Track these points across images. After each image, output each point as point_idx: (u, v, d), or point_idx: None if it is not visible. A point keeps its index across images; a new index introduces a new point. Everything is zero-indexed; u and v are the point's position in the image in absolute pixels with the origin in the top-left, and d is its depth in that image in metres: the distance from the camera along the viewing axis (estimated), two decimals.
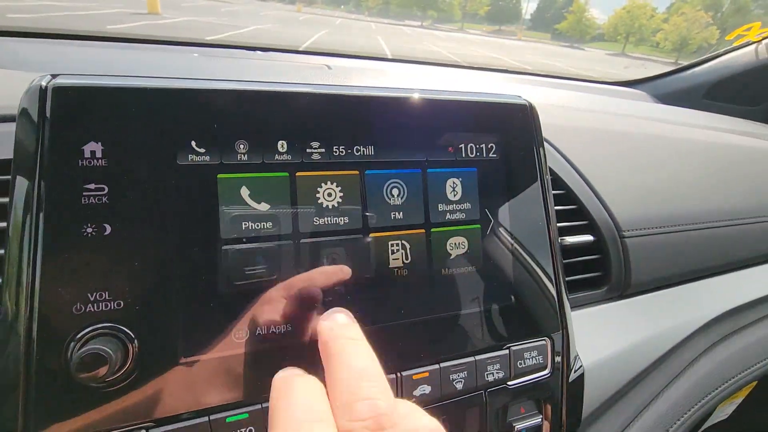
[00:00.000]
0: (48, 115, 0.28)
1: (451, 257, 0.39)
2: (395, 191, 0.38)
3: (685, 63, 1.36)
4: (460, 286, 0.39)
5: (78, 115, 0.29)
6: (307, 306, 0.34)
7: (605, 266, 0.54)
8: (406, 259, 0.38)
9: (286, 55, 1.07)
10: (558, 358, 0.43)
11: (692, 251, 0.61)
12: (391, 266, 0.37)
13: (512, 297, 0.41)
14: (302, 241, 0.34)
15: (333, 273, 0.35)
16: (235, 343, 0.31)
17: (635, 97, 1.28)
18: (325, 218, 0.35)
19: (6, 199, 0.28)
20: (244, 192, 0.33)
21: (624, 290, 0.55)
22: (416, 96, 0.39)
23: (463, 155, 0.40)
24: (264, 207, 0.33)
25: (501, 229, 0.41)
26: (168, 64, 0.70)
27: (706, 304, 0.60)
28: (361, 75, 0.89)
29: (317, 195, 0.35)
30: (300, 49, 1.20)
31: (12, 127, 0.38)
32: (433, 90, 0.40)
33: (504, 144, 0.42)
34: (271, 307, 0.33)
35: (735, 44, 1.25)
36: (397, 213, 0.37)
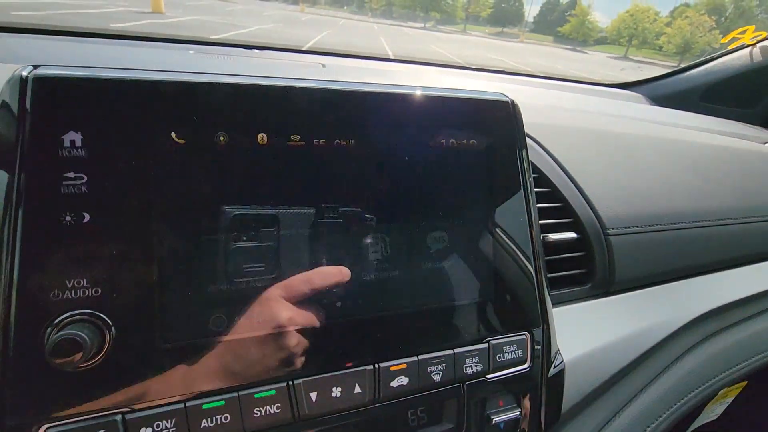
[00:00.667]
0: (28, 104, 0.29)
1: (432, 251, 0.40)
2: (374, 184, 0.38)
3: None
4: (440, 280, 0.40)
5: (58, 104, 0.29)
6: (279, 296, 0.34)
7: (589, 263, 0.55)
8: (386, 252, 0.38)
9: (283, 54, 1.07)
10: (538, 353, 0.43)
11: (677, 250, 0.61)
12: (370, 259, 0.37)
13: (493, 292, 0.42)
14: (282, 231, 0.34)
15: (319, 273, 0.35)
16: (211, 331, 0.32)
17: (631, 99, 1.28)
18: (297, 208, 0.35)
19: None
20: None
21: (608, 287, 0.56)
22: (397, 91, 0.39)
23: (445, 150, 0.41)
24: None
25: (482, 224, 0.42)
26: (163, 61, 0.71)
27: (690, 302, 0.60)
28: (354, 73, 0.89)
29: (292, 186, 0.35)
30: (304, 48, 1.21)
31: None
32: (416, 86, 0.41)
33: (486, 140, 0.42)
34: (248, 298, 0.33)
35: (730, 47, 1.26)
36: (375, 206, 0.38)
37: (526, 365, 0.43)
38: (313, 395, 0.35)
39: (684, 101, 1.23)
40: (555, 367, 0.45)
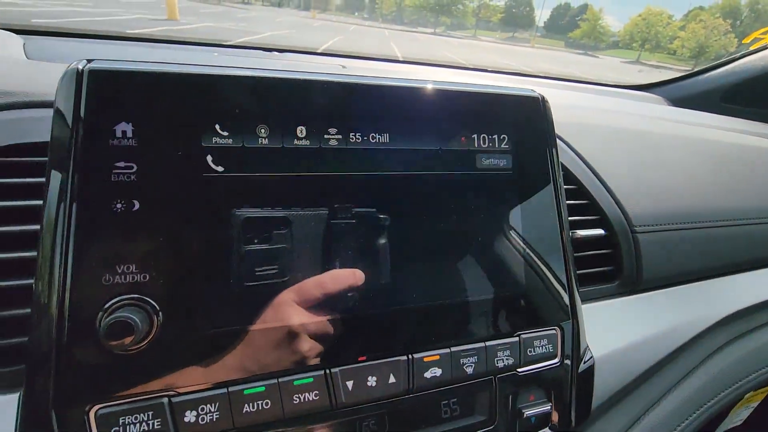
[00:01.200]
0: (83, 96, 0.30)
1: (464, 246, 0.40)
2: (408, 179, 0.39)
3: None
4: (472, 275, 0.40)
5: (110, 96, 0.30)
6: (323, 289, 0.35)
7: (617, 261, 0.54)
8: (420, 245, 0.38)
9: (302, 56, 1.09)
10: (568, 348, 0.43)
11: (705, 249, 0.61)
12: (405, 252, 0.38)
13: (523, 287, 0.42)
14: (323, 222, 0.35)
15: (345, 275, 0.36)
16: (255, 319, 0.33)
17: (650, 100, 1.27)
18: (346, 196, 0.36)
19: (44, 179, 0.30)
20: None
21: (636, 285, 0.55)
22: (431, 86, 0.40)
23: (476, 145, 0.41)
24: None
25: (512, 220, 0.42)
26: (191, 61, 0.73)
27: (718, 302, 0.59)
28: (374, 75, 0.91)
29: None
30: (320, 52, 1.23)
31: (46, 112, 0.40)
32: (448, 82, 0.41)
33: (516, 135, 0.43)
34: (291, 288, 0.34)
35: (752, 47, 1.24)
36: (409, 200, 0.38)
37: (556, 360, 0.43)
38: (350, 384, 0.35)
39: (704, 102, 1.22)
40: (585, 362, 0.45)
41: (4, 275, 0.34)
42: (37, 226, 0.34)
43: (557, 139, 0.59)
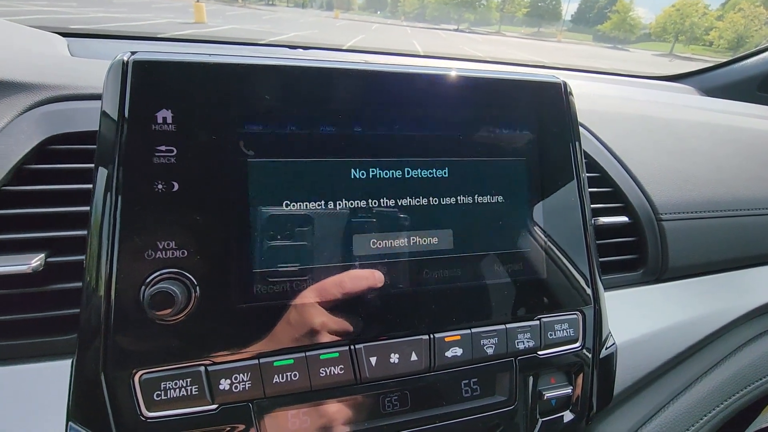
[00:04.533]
0: (128, 84, 0.32)
1: (486, 230, 0.41)
2: (431, 164, 0.40)
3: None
4: (494, 258, 0.41)
5: (153, 85, 0.33)
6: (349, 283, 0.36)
7: (641, 249, 0.54)
8: (443, 228, 0.39)
9: (326, 53, 1.12)
10: (590, 333, 0.43)
11: (734, 238, 0.59)
12: (428, 234, 0.39)
13: (544, 271, 0.42)
14: (352, 203, 0.37)
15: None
16: (285, 294, 0.34)
17: (681, 91, 1.24)
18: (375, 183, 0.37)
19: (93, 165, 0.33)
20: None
21: (661, 274, 0.55)
22: (454, 74, 0.41)
23: (498, 132, 0.42)
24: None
25: (535, 204, 0.42)
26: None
27: (748, 293, 0.58)
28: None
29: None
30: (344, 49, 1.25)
31: (92, 104, 0.43)
32: (470, 69, 0.42)
33: (538, 121, 0.43)
34: (320, 264, 0.35)
35: None
36: (432, 185, 0.39)
37: (577, 344, 0.43)
38: (373, 359, 0.37)
39: (740, 92, 1.17)
40: (606, 348, 0.45)
41: (59, 252, 0.37)
42: (87, 208, 0.37)
43: (581, 127, 0.59)
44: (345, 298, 0.36)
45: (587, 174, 0.52)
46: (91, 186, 0.35)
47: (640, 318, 0.50)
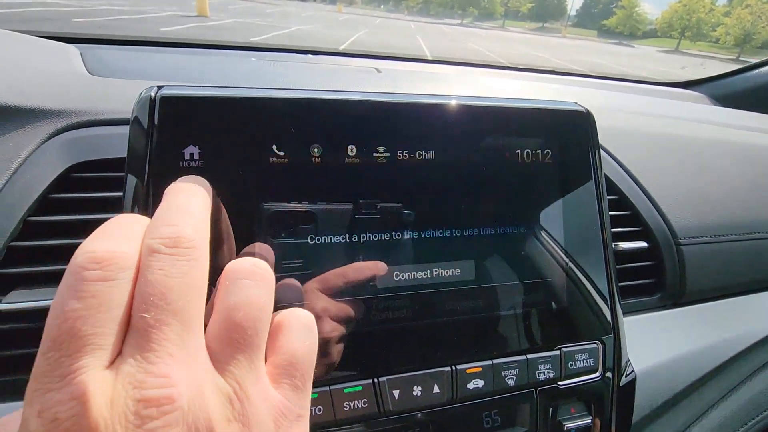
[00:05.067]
0: (156, 121, 0.32)
1: (508, 260, 0.41)
2: (452, 191, 0.40)
3: (747, 60, 1.28)
4: (516, 288, 0.41)
5: (180, 121, 0.33)
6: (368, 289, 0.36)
7: (659, 273, 0.54)
8: (465, 260, 0.39)
9: (335, 58, 1.11)
10: (609, 362, 0.43)
11: (754, 262, 0.59)
12: (451, 266, 0.39)
13: (566, 300, 0.42)
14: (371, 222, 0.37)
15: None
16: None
17: (692, 99, 1.23)
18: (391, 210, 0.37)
19: (121, 194, 0.33)
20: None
21: (678, 299, 0.55)
22: (474, 103, 0.41)
23: (519, 160, 0.42)
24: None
25: (555, 233, 0.42)
26: (234, 69, 0.76)
27: (766, 317, 0.58)
28: (410, 78, 0.91)
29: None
30: (341, 47, 1.25)
31: (114, 129, 0.43)
32: (492, 98, 0.42)
33: (560, 150, 0.43)
34: (346, 286, 0.36)
35: None
36: (454, 213, 0.39)
37: (597, 374, 0.43)
38: (396, 392, 0.37)
39: (753, 101, 1.16)
40: (626, 376, 0.45)
41: None
42: None
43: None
44: (370, 324, 0.36)
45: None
46: (116, 215, 0.35)
47: (658, 344, 0.50)
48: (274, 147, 0.35)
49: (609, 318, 0.44)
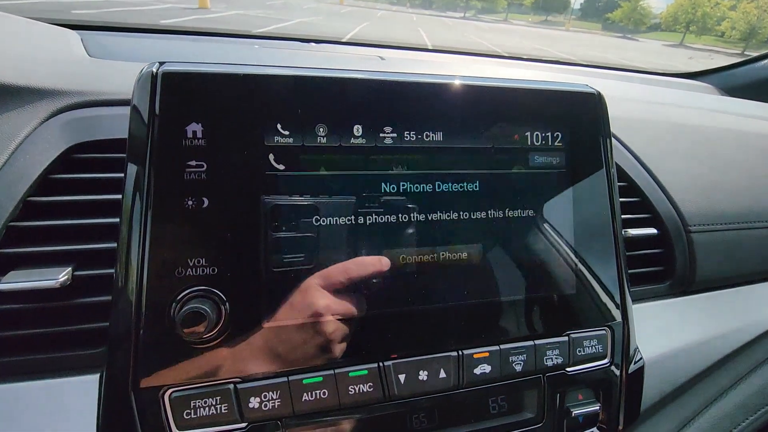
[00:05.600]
0: (158, 98, 0.31)
1: (515, 244, 0.40)
2: (461, 176, 0.39)
3: (753, 53, 1.26)
4: (523, 273, 0.40)
5: (183, 97, 0.32)
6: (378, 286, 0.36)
7: (669, 261, 0.53)
8: (474, 243, 0.39)
9: (338, 47, 1.10)
10: (618, 349, 0.43)
11: (764, 250, 0.58)
12: (458, 249, 0.38)
13: (574, 286, 0.41)
14: (383, 218, 0.36)
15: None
16: (313, 313, 0.34)
17: (700, 90, 1.21)
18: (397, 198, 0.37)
19: (122, 175, 0.32)
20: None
21: (688, 286, 0.54)
22: (484, 84, 0.40)
23: (529, 143, 0.41)
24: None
25: (565, 218, 0.41)
26: (233, 54, 0.74)
27: None
28: (414, 66, 0.90)
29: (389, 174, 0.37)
30: (343, 39, 1.24)
31: (115, 110, 0.42)
32: (501, 79, 0.41)
33: (570, 133, 0.42)
34: (349, 282, 0.35)
35: None
36: (462, 198, 0.38)
37: (605, 360, 0.43)
38: (402, 377, 0.36)
39: (764, 92, 1.14)
40: (635, 363, 0.44)
41: (86, 265, 0.36)
42: (114, 219, 0.36)
43: None
44: (377, 308, 0.35)
45: None
46: (117, 196, 0.34)
47: (667, 332, 0.50)
48: (279, 126, 0.34)
49: (618, 304, 0.43)
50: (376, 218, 0.36)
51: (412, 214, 0.37)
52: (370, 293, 0.36)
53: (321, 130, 0.35)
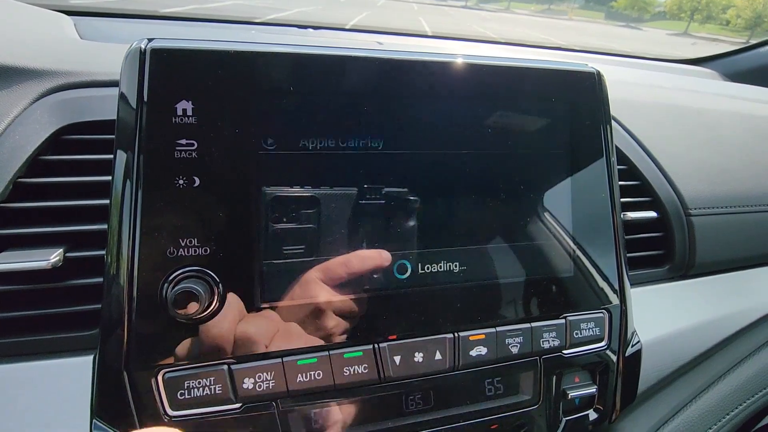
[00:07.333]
0: (146, 75, 0.31)
1: (513, 226, 0.39)
2: (459, 157, 0.38)
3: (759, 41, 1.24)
4: (520, 255, 0.40)
5: (172, 74, 0.31)
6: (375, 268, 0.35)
7: (668, 244, 0.52)
8: (471, 224, 0.38)
9: (337, 33, 1.08)
10: (615, 332, 0.42)
11: (764, 234, 0.57)
12: (455, 230, 0.38)
13: (572, 269, 0.41)
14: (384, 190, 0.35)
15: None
16: (306, 293, 0.34)
17: (704, 75, 1.19)
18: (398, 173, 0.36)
19: (111, 156, 0.31)
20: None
21: (687, 270, 0.53)
22: (485, 62, 0.39)
23: (528, 123, 0.40)
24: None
25: (563, 200, 0.41)
26: (233, 39, 0.73)
27: None
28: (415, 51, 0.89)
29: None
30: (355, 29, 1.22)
31: (105, 91, 0.42)
32: (498, 57, 0.40)
33: (569, 113, 0.41)
34: (344, 264, 0.34)
35: None
36: (460, 178, 0.38)
37: (603, 343, 0.42)
38: (397, 358, 0.36)
39: (765, 77, 1.13)
40: (632, 347, 0.44)
41: (77, 246, 0.36)
42: (105, 201, 0.36)
43: None
44: (371, 289, 0.35)
45: None
46: (108, 177, 0.34)
47: (665, 315, 0.49)
48: (271, 103, 0.33)
49: (616, 288, 0.43)
50: (371, 197, 0.36)
51: (409, 194, 0.36)
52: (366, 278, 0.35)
53: (314, 107, 0.34)
